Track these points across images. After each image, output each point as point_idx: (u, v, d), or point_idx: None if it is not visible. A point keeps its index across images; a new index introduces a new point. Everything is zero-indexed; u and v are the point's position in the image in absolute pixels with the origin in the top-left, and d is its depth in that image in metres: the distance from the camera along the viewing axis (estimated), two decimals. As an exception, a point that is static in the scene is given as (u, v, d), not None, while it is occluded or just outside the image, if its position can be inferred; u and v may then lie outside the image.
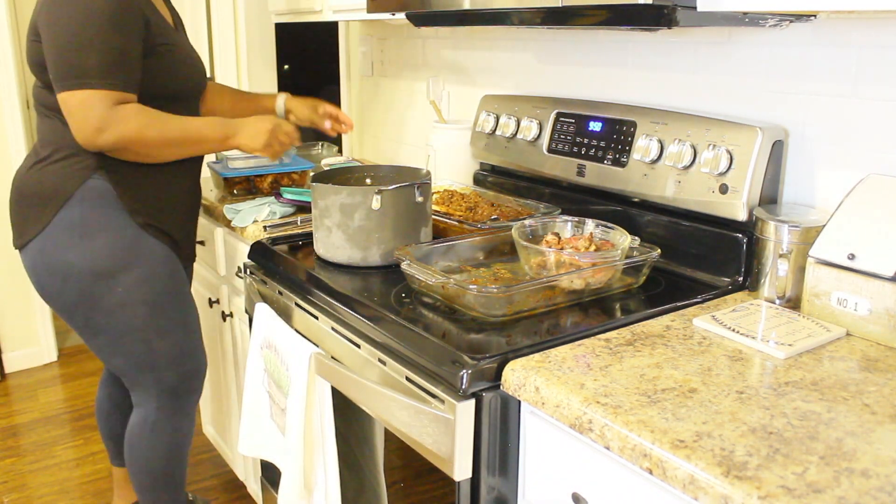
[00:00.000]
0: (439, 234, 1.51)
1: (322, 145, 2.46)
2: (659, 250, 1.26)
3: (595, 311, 1.18)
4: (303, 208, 1.84)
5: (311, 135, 2.26)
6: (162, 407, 1.68)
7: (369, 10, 1.63)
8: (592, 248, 1.24)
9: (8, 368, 3.24)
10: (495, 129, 1.76)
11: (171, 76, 1.57)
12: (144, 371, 1.64)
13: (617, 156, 1.47)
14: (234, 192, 2.02)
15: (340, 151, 2.58)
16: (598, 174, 1.50)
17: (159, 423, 1.69)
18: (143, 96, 1.50)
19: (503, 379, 0.98)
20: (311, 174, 1.54)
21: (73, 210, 1.50)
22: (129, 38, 1.44)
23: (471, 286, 1.13)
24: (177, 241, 1.65)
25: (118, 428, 1.98)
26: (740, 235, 1.26)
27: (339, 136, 2.66)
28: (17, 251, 1.59)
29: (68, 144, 1.50)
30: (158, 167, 1.59)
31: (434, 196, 1.70)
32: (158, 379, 1.65)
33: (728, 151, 1.26)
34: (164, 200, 1.61)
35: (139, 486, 1.76)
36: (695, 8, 1.07)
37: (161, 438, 1.70)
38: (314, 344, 1.26)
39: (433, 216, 1.51)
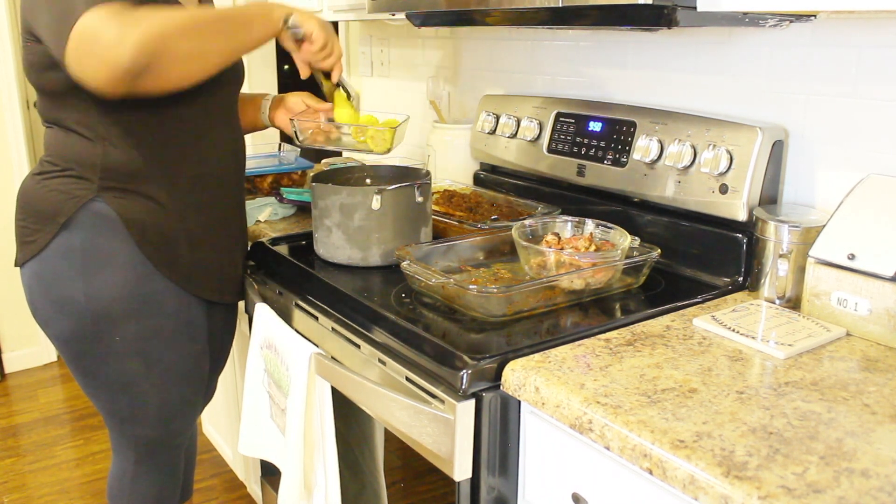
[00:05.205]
0: (439, 234, 1.51)
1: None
2: (659, 250, 1.26)
3: (595, 311, 1.18)
4: (304, 208, 1.84)
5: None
6: (141, 461, 1.47)
7: (369, 11, 1.63)
8: (592, 248, 1.24)
9: (8, 368, 3.24)
10: (495, 129, 1.76)
11: None
12: (125, 423, 1.42)
13: (617, 156, 1.47)
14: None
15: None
16: (598, 174, 1.50)
17: (139, 479, 1.49)
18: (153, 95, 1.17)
19: (503, 379, 0.98)
20: (311, 174, 1.54)
21: (72, 236, 1.28)
22: None
23: (471, 286, 1.13)
24: (196, 280, 1.39)
25: None
26: (740, 235, 1.26)
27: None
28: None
29: (71, 158, 1.28)
30: (181, 189, 1.33)
31: (434, 196, 1.69)
32: (138, 434, 1.43)
33: (728, 151, 1.26)
34: (183, 227, 1.34)
35: None
36: (695, 8, 1.07)
37: (142, 494, 1.51)
38: (314, 344, 1.26)
39: (433, 216, 1.51)
